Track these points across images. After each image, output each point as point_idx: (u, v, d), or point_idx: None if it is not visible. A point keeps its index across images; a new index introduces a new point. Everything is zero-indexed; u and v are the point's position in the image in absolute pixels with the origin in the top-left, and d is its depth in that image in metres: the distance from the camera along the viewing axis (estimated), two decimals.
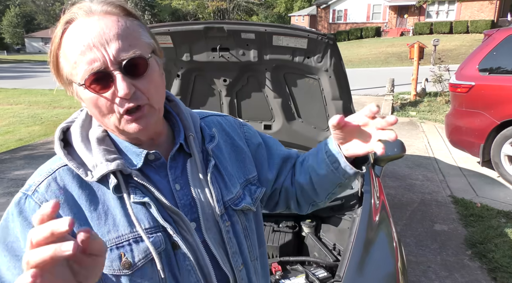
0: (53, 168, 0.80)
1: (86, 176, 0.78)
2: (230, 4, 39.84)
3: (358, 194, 2.15)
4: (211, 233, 0.85)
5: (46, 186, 0.77)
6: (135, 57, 0.73)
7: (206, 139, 0.91)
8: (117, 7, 0.76)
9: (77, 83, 0.74)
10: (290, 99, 2.11)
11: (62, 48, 0.75)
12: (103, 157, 0.78)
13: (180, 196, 0.84)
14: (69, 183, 0.78)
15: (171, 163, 0.85)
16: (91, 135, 0.82)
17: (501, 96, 4.62)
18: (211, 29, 1.83)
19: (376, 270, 1.69)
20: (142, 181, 0.79)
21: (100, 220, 0.76)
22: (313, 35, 1.77)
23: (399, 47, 23.32)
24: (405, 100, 9.82)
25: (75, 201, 0.77)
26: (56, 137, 0.82)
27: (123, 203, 0.78)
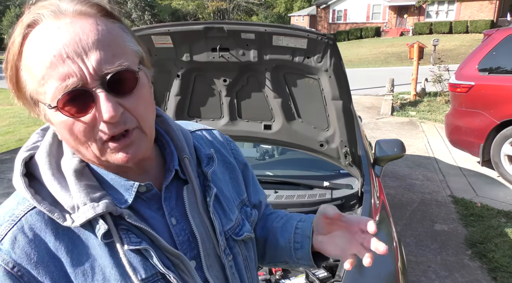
0: (17, 215, 0.62)
1: (64, 220, 0.61)
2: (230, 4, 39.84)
3: (358, 194, 2.15)
4: (213, 271, 0.74)
5: (11, 241, 0.60)
6: (122, 71, 0.58)
7: (203, 161, 0.78)
8: (94, 6, 0.61)
9: (46, 105, 0.58)
10: (290, 99, 2.11)
11: (23, 58, 0.59)
12: (86, 195, 0.62)
13: (177, 231, 0.71)
14: (41, 232, 0.61)
15: (165, 193, 0.71)
16: (65, 167, 0.65)
17: (501, 96, 4.62)
18: (211, 29, 1.83)
19: (376, 270, 1.69)
20: (135, 222, 0.64)
21: (87, 276, 0.62)
22: (313, 35, 1.77)
23: (399, 47, 23.33)
24: (405, 100, 9.83)
25: (52, 255, 0.61)
26: (18, 173, 0.65)
27: (113, 251, 0.63)
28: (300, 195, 2.18)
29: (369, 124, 7.80)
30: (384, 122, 8.12)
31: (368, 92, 11.39)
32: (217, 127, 2.26)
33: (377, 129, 7.56)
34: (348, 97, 1.96)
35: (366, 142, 3.15)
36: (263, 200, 0.98)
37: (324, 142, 2.17)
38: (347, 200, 2.15)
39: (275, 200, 2.13)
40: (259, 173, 2.59)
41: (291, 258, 0.87)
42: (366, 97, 10.77)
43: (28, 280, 0.59)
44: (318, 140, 2.18)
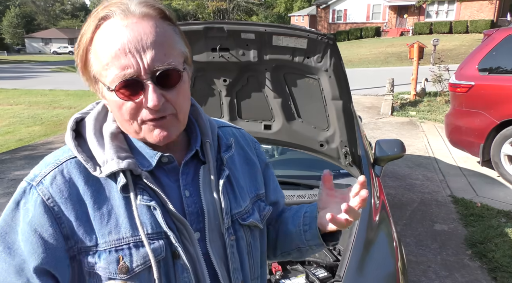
0: (61, 159, 0.77)
1: (94, 170, 0.75)
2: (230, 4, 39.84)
3: None
4: (215, 246, 0.81)
5: (51, 178, 0.74)
6: (169, 69, 0.71)
7: (222, 148, 0.88)
8: (156, 10, 0.73)
9: (106, 86, 0.72)
10: (290, 99, 2.11)
11: (93, 44, 0.72)
12: (115, 153, 0.75)
13: (188, 203, 0.80)
14: (75, 177, 0.75)
15: (184, 168, 0.82)
16: (105, 130, 0.79)
17: (501, 96, 4.62)
18: (211, 29, 1.83)
19: (376, 270, 1.69)
20: (151, 184, 0.75)
21: (103, 219, 0.73)
22: (313, 35, 1.77)
23: (398, 47, 23.33)
24: (405, 100, 9.83)
25: (80, 197, 0.74)
26: (68, 127, 0.79)
27: (129, 204, 0.75)
28: (300, 195, 2.18)
29: (369, 124, 7.80)
30: (384, 122, 8.12)
31: (368, 92, 11.39)
32: None
33: (377, 129, 7.56)
34: (348, 97, 1.96)
35: (366, 142, 3.15)
36: (281, 200, 1.06)
37: (324, 142, 2.17)
38: None
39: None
40: None
41: (302, 242, 0.94)
42: (366, 97, 10.77)
43: (58, 212, 0.72)
44: (318, 141, 2.18)
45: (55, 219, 0.72)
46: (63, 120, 9.15)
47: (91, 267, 0.73)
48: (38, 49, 57.35)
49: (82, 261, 0.73)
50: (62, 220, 0.72)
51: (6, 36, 61.69)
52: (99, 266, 0.72)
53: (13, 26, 61.33)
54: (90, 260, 0.73)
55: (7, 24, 61.01)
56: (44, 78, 19.66)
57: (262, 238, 0.94)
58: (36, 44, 58.51)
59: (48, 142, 7.26)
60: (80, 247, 0.73)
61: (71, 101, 11.76)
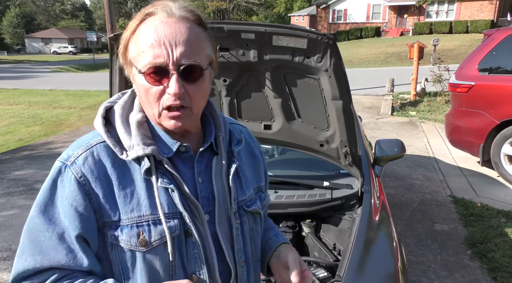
0: (91, 143, 0.86)
1: (122, 154, 0.84)
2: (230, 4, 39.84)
3: (358, 194, 2.15)
4: (222, 227, 0.91)
5: (83, 159, 0.84)
6: (194, 65, 0.81)
7: (233, 142, 0.98)
8: (194, 15, 0.84)
9: (137, 69, 0.82)
10: (290, 99, 2.10)
11: (135, 34, 0.83)
12: (140, 140, 0.84)
13: (201, 188, 0.90)
14: (104, 159, 0.85)
15: (199, 157, 0.91)
16: (132, 118, 0.88)
17: (501, 96, 4.62)
18: (211, 29, 1.83)
19: (376, 270, 1.69)
20: (171, 169, 0.85)
21: (126, 198, 0.83)
22: (313, 35, 1.77)
23: (399, 47, 23.32)
24: (405, 100, 9.82)
25: (108, 177, 0.84)
26: (99, 114, 0.89)
27: (150, 186, 0.84)
28: (300, 195, 2.18)
29: (369, 124, 7.79)
30: (384, 122, 8.12)
31: (368, 92, 11.39)
32: None
33: (377, 129, 7.56)
34: (348, 97, 1.96)
35: (366, 142, 3.15)
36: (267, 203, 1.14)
37: (324, 142, 2.17)
38: (347, 200, 2.15)
39: (275, 200, 2.12)
40: None
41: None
42: (366, 97, 10.77)
43: (88, 189, 0.82)
44: (318, 141, 2.18)
45: (86, 195, 0.82)
46: (63, 120, 9.15)
47: (114, 239, 0.83)
48: (38, 49, 57.34)
49: (106, 234, 0.83)
50: (91, 196, 0.82)
51: (6, 36, 61.68)
52: (121, 239, 0.83)
53: (13, 26, 61.33)
54: (113, 233, 0.83)
55: (7, 24, 61.00)
56: (44, 78, 19.66)
57: (261, 224, 1.05)
58: (36, 44, 58.50)
59: (48, 141, 7.26)
60: (105, 221, 0.83)
61: (71, 101, 11.75)
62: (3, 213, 4.19)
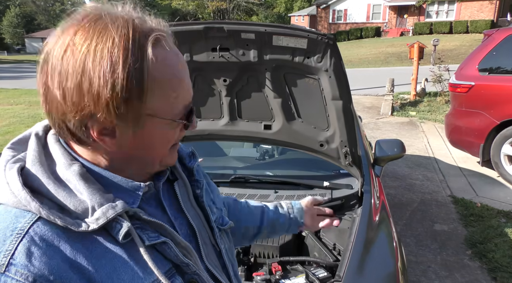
0: (21, 228, 0.57)
1: (79, 226, 0.59)
2: (230, 4, 39.86)
3: (358, 194, 2.15)
4: (211, 259, 0.79)
5: (25, 254, 0.55)
6: None
7: (185, 159, 0.85)
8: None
9: (168, 120, 0.65)
10: (290, 99, 2.11)
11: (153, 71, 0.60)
12: (101, 197, 0.61)
13: (179, 225, 0.74)
14: (54, 242, 0.57)
15: (162, 191, 0.75)
16: (68, 173, 0.62)
17: (501, 96, 4.62)
18: (211, 29, 1.83)
19: (376, 270, 1.69)
20: (151, 218, 0.66)
21: (111, 278, 0.61)
22: (313, 35, 1.77)
23: (399, 47, 23.32)
24: (405, 100, 9.82)
25: (72, 264, 0.58)
26: (16, 184, 0.59)
27: (132, 249, 0.63)
28: (300, 195, 2.18)
29: (369, 124, 7.79)
30: (384, 122, 8.12)
31: (368, 92, 11.39)
32: (217, 127, 2.26)
33: (377, 129, 7.56)
34: (348, 97, 1.96)
35: (366, 142, 3.15)
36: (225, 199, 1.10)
37: (324, 141, 2.17)
38: (347, 200, 2.15)
39: (275, 200, 2.12)
40: (259, 172, 2.59)
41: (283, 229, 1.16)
42: (366, 97, 10.77)
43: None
44: (318, 141, 2.18)
45: None
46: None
47: None
48: (38, 49, 57.24)
49: None
50: None
51: (6, 36, 61.70)
52: None
53: (13, 26, 61.35)
54: None
55: (7, 24, 61.01)
56: None
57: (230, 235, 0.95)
58: (36, 44, 58.44)
59: None
60: None
61: None
62: None
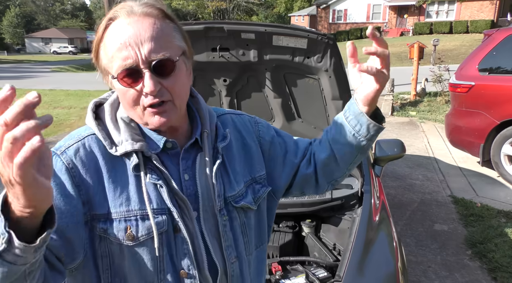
0: (83, 135, 0.87)
1: (111, 148, 0.85)
2: (230, 4, 39.86)
3: (358, 194, 2.15)
4: (208, 225, 0.91)
5: (75, 150, 0.84)
6: (163, 59, 0.80)
7: (219, 138, 0.96)
8: (157, 9, 0.83)
9: (110, 75, 0.83)
10: (290, 99, 2.11)
11: (103, 41, 0.83)
12: (129, 136, 0.86)
13: (187, 185, 0.90)
14: (95, 151, 0.85)
15: (184, 154, 0.91)
16: (119, 116, 0.89)
17: (501, 96, 4.61)
18: (211, 29, 1.83)
19: (376, 270, 1.69)
20: (159, 165, 0.85)
21: (116, 192, 0.84)
22: (313, 35, 1.77)
23: (399, 47, 23.31)
24: (405, 100, 9.82)
25: (98, 169, 0.84)
26: (89, 108, 0.91)
27: (139, 181, 0.85)
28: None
29: None
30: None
31: None
32: None
33: None
34: (348, 97, 1.96)
35: None
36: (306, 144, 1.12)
37: None
38: (347, 200, 2.15)
39: None
40: None
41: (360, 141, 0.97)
42: None
43: (78, 179, 0.83)
44: None
45: (76, 186, 0.82)
46: (63, 120, 9.14)
47: (102, 232, 0.84)
48: (38, 49, 57.36)
49: (94, 226, 0.84)
50: (81, 187, 0.82)
51: (6, 36, 61.70)
52: (109, 232, 0.83)
53: (13, 26, 61.35)
54: (101, 226, 0.83)
55: (7, 24, 61.02)
56: (44, 78, 19.67)
57: (259, 217, 1.03)
58: (36, 44, 58.52)
59: (48, 141, 7.22)
60: (94, 214, 0.83)
61: (71, 101, 11.75)
62: None
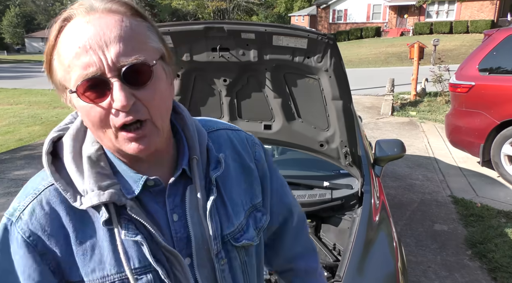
0: (39, 188, 0.71)
1: (75, 200, 0.68)
2: (230, 4, 39.86)
3: (358, 194, 2.15)
4: (205, 271, 0.77)
5: (30, 212, 0.69)
6: (137, 64, 0.63)
7: (211, 165, 0.79)
8: (123, 5, 0.66)
9: (68, 89, 0.65)
10: (290, 99, 2.10)
11: (56, 49, 0.65)
12: (95, 183, 0.68)
13: (177, 228, 0.74)
14: (56, 207, 0.69)
15: (171, 190, 0.74)
16: (84, 153, 0.71)
17: (501, 96, 4.61)
18: (211, 29, 1.83)
19: (376, 270, 1.69)
20: (136, 216, 0.69)
21: (86, 255, 0.69)
22: (313, 35, 1.77)
23: (399, 47, 23.31)
24: (405, 100, 9.82)
25: (63, 229, 0.69)
26: (44, 150, 0.71)
27: (113, 237, 0.69)
28: (300, 195, 2.18)
29: (369, 124, 7.79)
30: (384, 122, 8.11)
31: (368, 92, 11.38)
32: None
33: (377, 129, 7.56)
34: (348, 97, 1.96)
35: (366, 142, 3.15)
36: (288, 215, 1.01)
37: (324, 142, 2.17)
38: (347, 200, 2.15)
39: None
40: None
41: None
42: (366, 97, 10.77)
43: (42, 249, 0.68)
44: (318, 141, 2.18)
45: (40, 257, 0.68)
46: (63, 120, 9.14)
47: None
48: (38, 49, 57.31)
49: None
50: (47, 256, 0.69)
51: (6, 36, 61.68)
52: None
53: (13, 26, 61.33)
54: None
55: (7, 23, 61.01)
56: (44, 78, 19.29)
57: (258, 251, 0.89)
58: (36, 44, 58.49)
59: None
60: (68, 281, 0.70)
61: None
62: (3, 213, 4.18)
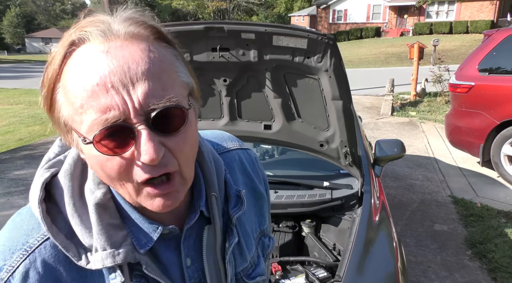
0: (31, 244, 0.57)
1: (79, 259, 0.56)
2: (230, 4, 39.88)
3: (358, 194, 2.15)
4: None
5: (23, 276, 0.55)
6: (170, 107, 0.51)
7: (231, 202, 0.70)
8: (148, 28, 0.54)
9: (81, 137, 0.52)
10: (290, 99, 2.11)
11: (62, 80, 0.52)
12: (107, 240, 0.57)
13: (190, 273, 0.66)
14: (54, 267, 0.57)
15: (186, 232, 0.65)
16: (89, 198, 0.59)
17: (501, 96, 4.62)
18: (211, 29, 1.83)
19: (376, 270, 1.69)
20: (152, 274, 0.60)
21: None
22: (313, 35, 1.77)
23: (399, 47, 23.32)
24: (405, 100, 9.83)
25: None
26: (35, 197, 0.57)
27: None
28: (300, 195, 2.18)
29: (369, 124, 7.79)
30: (384, 123, 8.12)
31: (368, 92, 11.39)
32: (217, 128, 2.26)
33: (377, 129, 7.56)
34: (348, 97, 1.96)
35: (366, 142, 3.15)
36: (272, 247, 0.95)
37: (324, 142, 2.17)
38: (347, 200, 2.15)
39: (275, 200, 2.12)
40: None
41: None
42: (366, 97, 10.77)
43: None
44: (318, 141, 2.18)
45: None
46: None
47: None
48: (39, 49, 57.33)
49: None
50: None
51: (6, 36, 61.68)
52: None
53: (13, 26, 61.34)
54: None
55: (7, 23, 61.02)
56: None
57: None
58: (36, 43, 58.49)
59: (48, 141, 7.26)
60: None
61: None
62: (2, 213, 4.18)
